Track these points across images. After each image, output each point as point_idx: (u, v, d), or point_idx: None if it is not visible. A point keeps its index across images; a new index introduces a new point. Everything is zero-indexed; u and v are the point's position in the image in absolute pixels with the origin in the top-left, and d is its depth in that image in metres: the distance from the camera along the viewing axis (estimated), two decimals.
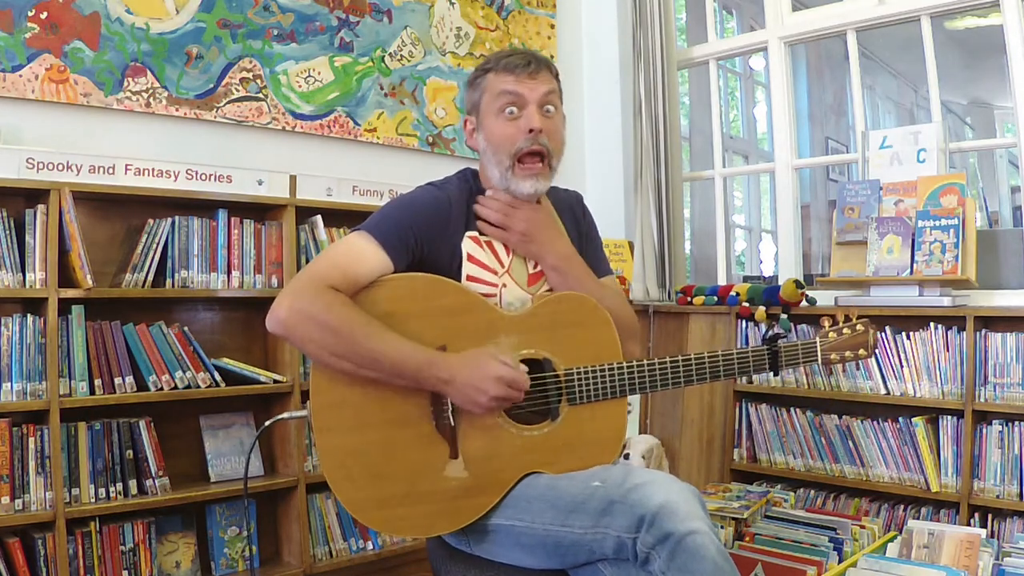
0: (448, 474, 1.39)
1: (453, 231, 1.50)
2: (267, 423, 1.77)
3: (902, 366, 2.49)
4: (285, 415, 1.92)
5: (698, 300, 3.06)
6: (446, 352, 1.39)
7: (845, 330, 1.60)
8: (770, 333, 1.64)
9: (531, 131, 1.47)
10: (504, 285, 1.52)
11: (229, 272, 2.35)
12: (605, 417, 1.46)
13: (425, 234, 1.46)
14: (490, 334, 1.43)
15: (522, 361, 1.43)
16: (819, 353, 1.58)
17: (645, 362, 1.47)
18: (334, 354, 1.34)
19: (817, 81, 6.45)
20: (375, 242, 1.41)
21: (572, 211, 1.68)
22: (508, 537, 1.39)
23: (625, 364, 1.46)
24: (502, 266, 1.53)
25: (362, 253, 1.41)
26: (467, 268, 1.49)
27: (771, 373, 1.56)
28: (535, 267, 1.56)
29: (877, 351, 2.51)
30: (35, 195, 2.06)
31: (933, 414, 2.46)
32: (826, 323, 1.62)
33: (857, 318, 1.62)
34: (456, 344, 1.40)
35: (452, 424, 1.39)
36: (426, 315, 1.41)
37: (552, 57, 3.42)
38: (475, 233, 1.52)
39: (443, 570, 1.50)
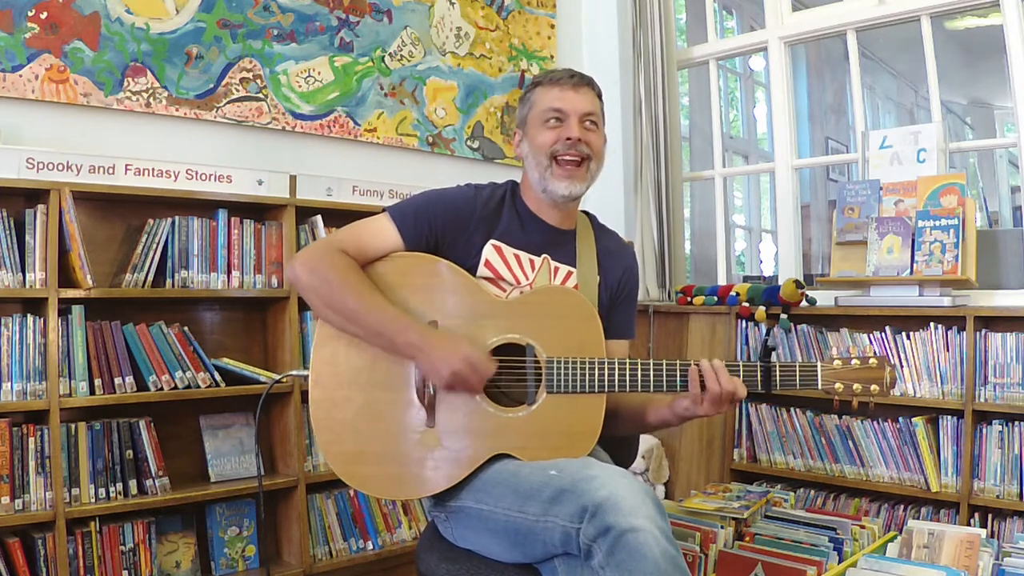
0: (422, 442, 1.46)
1: (473, 230, 1.56)
2: (278, 378, 1.93)
3: (902, 366, 2.49)
4: (293, 372, 2.00)
5: (698, 300, 3.06)
6: (429, 325, 1.47)
7: (855, 361, 1.50)
8: (765, 345, 1.52)
9: (568, 139, 1.55)
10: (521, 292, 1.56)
11: (229, 272, 2.35)
12: (582, 411, 1.46)
13: (442, 226, 1.54)
14: (479, 315, 1.50)
15: (506, 345, 1.47)
16: (819, 379, 1.49)
17: (627, 362, 1.46)
18: (328, 306, 1.46)
19: (817, 81, 6.46)
20: (393, 223, 1.52)
21: (623, 262, 1.69)
22: (478, 521, 1.43)
23: (607, 361, 1.46)
24: (517, 282, 1.56)
25: (379, 230, 1.53)
26: (481, 272, 1.55)
27: (762, 391, 1.48)
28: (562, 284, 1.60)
29: (877, 351, 2.51)
30: (35, 195, 2.06)
31: (933, 414, 2.46)
32: (834, 351, 1.52)
33: (872, 354, 1.51)
34: (446, 320, 1.48)
35: (432, 394, 1.46)
36: (422, 291, 1.50)
37: (552, 57, 3.42)
38: (499, 242, 1.57)
39: (422, 559, 1.55)
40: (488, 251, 1.56)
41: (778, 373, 1.48)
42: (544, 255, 1.60)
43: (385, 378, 1.47)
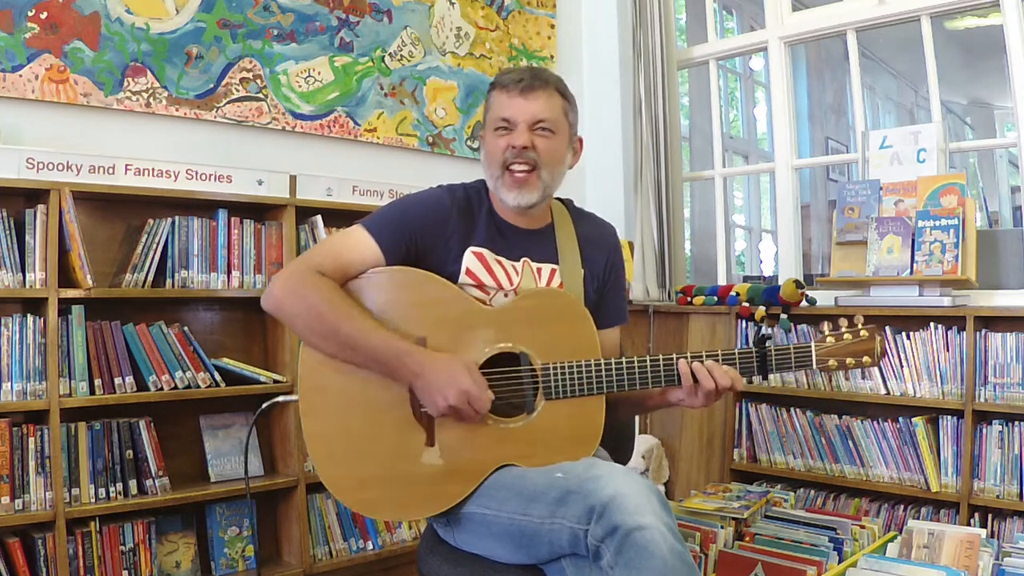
0: (424, 461, 1.43)
1: (451, 235, 1.52)
2: (263, 405, 1.89)
3: (902, 366, 2.49)
4: (280, 398, 1.97)
5: (698, 300, 3.06)
6: (424, 346, 1.43)
7: (847, 335, 1.51)
8: (759, 335, 1.54)
9: (514, 147, 1.49)
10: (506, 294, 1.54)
11: (229, 272, 2.35)
12: (582, 414, 1.46)
13: (420, 234, 1.50)
14: (468, 326, 1.47)
15: (499, 355, 1.46)
16: (814, 358, 1.51)
17: (624, 360, 1.46)
18: (317, 334, 1.42)
19: (817, 81, 6.46)
20: (370, 236, 1.48)
21: (606, 247, 1.67)
22: (480, 526, 1.42)
23: (603, 361, 1.46)
24: (500, 286, 1.53)
25: (357, 245, 1.48)
26: (463, 280, 1.51)
27: (759, 377, 1.51)
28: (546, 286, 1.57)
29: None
30: (35, 195, 2.06)
31: (933, 414, 2.46)
32: (826, 327, 1.53)
33: (864, 324, 1.52)
34: (435, 335, 1.45)
35: (429, 413, 1.43)
36: (407, 306, 1.47)
37: (552, 57, 3.42)
38: (479, 249, 1.53)
39: (423, 561, 1.54)
40: (469, 259, 1.52)
41: (773, 356, 1.50)
42: (524, 258, 1.57)
43: (378, 401, 1.43)
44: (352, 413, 1.44)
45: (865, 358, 1.51)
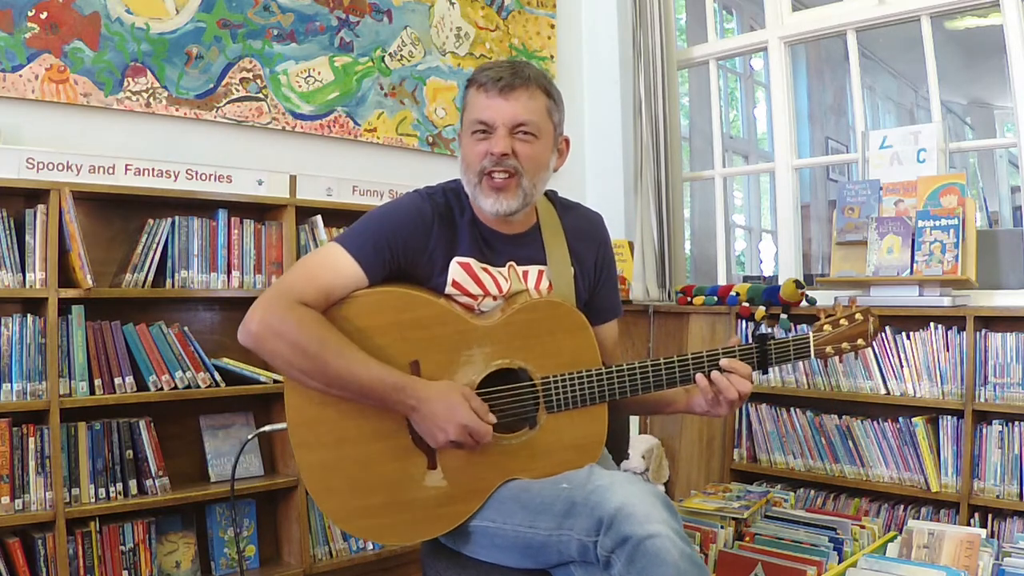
0: (427, 484, 1.40)
1: (434, 247, 1.46)
2: (248, 437, 1.87)
3: (902, 366, 2.49)
4: (267, 428, 1.93)
5: (698, 300, 3.06)
6: (418, 370, 1.39)
7: (843, 321, 1.54)
8: (759, 332, 1.56)
9: (492, 154, 1.41)
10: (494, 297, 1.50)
11: (229, 272, 2.35)
12: (585, 423, 1.44)
13: (403, 248, 1.44)
14: (463, 345, 1.41)
15: (497, 371, 1.43)
16: (812, 348, 1.53)
17: (625, 366, 1.44)
18: (303, 372, 1.34)
19: (817, 81, 6.46)
20: (350, 256, 1.40)
21: (595, 240, 1.60)
22: (484, 537, 1.40)
23: (604, 370, 1.43)
24: (487, 293, 1.48)
25: (336, 267, 1.39)
26: (449, 291, 1.46)
27: (760, 372, 1.51)
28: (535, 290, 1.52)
29: (876, 350, 2.52)
30: (35, 195, 2.06)
31: (933, 414, 2.46)
32: (822, 315, 1.55)
33: (856, 308, 1.55)
34: (428, 358, 1.39)
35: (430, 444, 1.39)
36: (397, 329, 1.39)
37: (552, 57, 3.42)
38: (465, 259, 1.47)
39: (428, 565, 1.52)
40: (455, 270, 1.46)
41: (773, 349, 1.51)
42: (509, 263, 1.50)
43: (373, 430, 1.38)
44: (347, 445, 1.38)
45: (860, 341, 1.54)
